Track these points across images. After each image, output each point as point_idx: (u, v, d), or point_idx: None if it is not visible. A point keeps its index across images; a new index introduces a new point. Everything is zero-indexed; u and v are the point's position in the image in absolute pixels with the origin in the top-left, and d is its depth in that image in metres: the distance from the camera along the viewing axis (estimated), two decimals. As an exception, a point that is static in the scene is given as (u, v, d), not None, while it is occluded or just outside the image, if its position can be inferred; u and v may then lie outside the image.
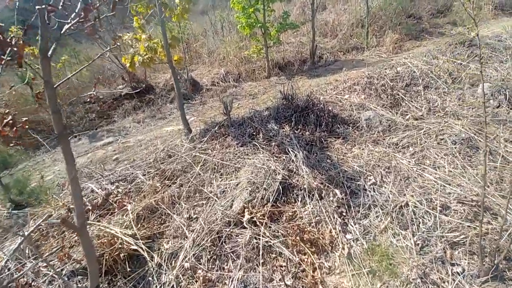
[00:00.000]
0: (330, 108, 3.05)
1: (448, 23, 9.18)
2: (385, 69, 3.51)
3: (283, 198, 2.65)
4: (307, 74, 7.69)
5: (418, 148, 2.98)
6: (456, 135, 2.89)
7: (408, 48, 7.89)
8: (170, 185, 3.42)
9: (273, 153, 2.93)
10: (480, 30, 4.89)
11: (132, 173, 3.68)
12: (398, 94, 3.16)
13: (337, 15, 10.82)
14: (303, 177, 2.57)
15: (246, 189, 2.70)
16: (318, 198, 2.61)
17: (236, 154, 3.23)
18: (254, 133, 3.40)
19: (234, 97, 7.00)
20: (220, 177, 3.08)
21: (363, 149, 3.04)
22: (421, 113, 3.23)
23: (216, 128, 3.63)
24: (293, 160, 2.81)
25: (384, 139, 3.09)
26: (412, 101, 2.97)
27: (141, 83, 8.73)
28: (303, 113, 3.20)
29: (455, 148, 2.77)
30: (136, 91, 8.33)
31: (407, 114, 3.11)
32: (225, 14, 12.93)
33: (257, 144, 3.20)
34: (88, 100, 8.64)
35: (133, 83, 8.65)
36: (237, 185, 2.80)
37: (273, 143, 2.91)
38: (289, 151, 2.90)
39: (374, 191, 2.65)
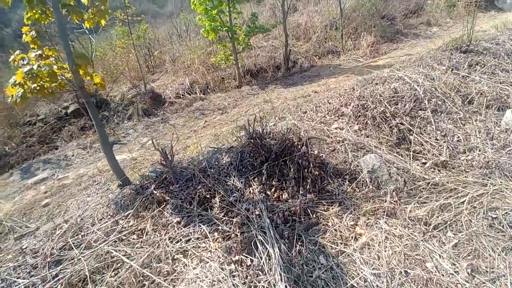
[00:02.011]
0: (316, 153, 2.09)
1: (422, 23, 8.96)
2: (376, 84, 2.85)
3: None
4: (281, 83, 6.99)
5: (463, 234, 1.80)
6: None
7: (385, 52, 7.47)
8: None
9: (234, 252, 1.74)
10: (462, 30, 4.42)
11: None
12: (403, 123, 2.28)
13: (309, 17, 10.28)
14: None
15: None
16: None
17: (173, 248, 1.93)
18: (208, 196, 2.20)
19: (201, 112, 6.10)
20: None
21: (373, 228, 1.90)
22: (443, 158, 2.22)
23: (153, 187, 2.52)
24: (263, 269, 1.62)
25: (402, 209, 1.96)
26: (423, 134, 2.29)
27: (92, 97, 7.50)
28: (279, 161, 2.11)
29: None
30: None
31: (423, 158, 2.19)
32: (191, 16, 11.94)
33: (210, 218, 2.04)
34: (28, 121, 7.32)
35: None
36: None
37: (235, 220, 1.91)
38: (257, 246, 1.72)
39: None
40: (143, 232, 2.09)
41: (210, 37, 7.01)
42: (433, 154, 2.16)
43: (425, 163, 2.12)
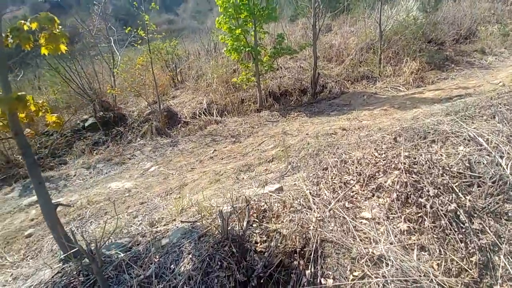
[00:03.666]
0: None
1: (476, 50, 7.74)
2: (432, 141, 2.00)
3: None
4: (306, 110, 6.24)
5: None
6: None
7: (432, 81, 6.42)
8: None
9: None
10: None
11: None
12: (486, 232, 1.32)
13: (344, 38, 9.53)
14: None
15: None
16: None
17: None
18: None
19: (213, 138, 5.55)
20: None
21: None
22: None
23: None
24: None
25: None
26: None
27: (110, 111, 7.39)
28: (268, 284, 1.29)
29: None
30: (102, 121, 6.99)
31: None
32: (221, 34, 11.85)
33: None
34: (46, 131, 7.35)
35: (101, 112, 7.32)
36: None
37: None
38: None
39: None
40: None
41: (232, 56, 6.57)
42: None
43: None
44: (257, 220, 1.58)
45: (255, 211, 1.65)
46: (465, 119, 2.32)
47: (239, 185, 3.01)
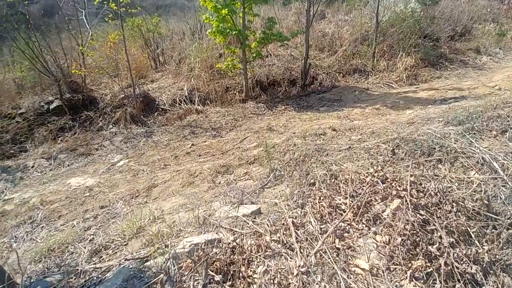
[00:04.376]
0: None
1: (470, 49, 7.54)
2: (439, 161, 1.67)
3: None
4: (294, 103, 5.84)
5: None
6: None
7: (425, 79, 6.16)
8: None
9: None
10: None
11: None
12: None
13: (338, 27, 9.05)
14: None
15: None
16: None
17: None
18: None
19: (192, 131, 5.07)
20: None
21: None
22: None
23: None
24: None
25: None
26: None
27: (79, 93, 6.66)
28: None
29: None
30: (70, 104, 6.29)
31: None
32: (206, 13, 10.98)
33: None
34: (8, 113, 6.54)
35: (68, 94, 6.57)
36: None
37: None
38: None
39: None
40: None
41: (217, 40, 5.98)
42: None
43: None
44: (223, 270, 1.21)
45: (221, 254, 1.27)
46: (474, 134, 2.01)
47: (212, 194, 2.62)
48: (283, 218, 1.59)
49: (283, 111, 5.41)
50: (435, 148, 1.88)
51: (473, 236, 1.23)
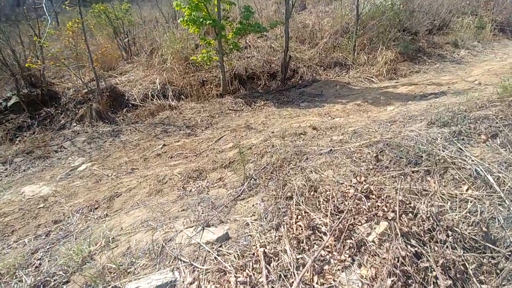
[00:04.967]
0: None
1: (448, 43, 7.61)
2: (427, 172, 1.49)
3: None
4: (274, 98, 5.59)
5: None
6: None
7: (405, 74, 6.12)
8: None
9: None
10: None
11: None
12: None
13: (318, 18, 8.82)
14: None
15: None
16: None
17: None
18: None
19: (164, 129, 4.68)
20: None
21: None
22: None
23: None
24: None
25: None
26: None
27: (38, 88, 5.98)
28: None
29: None
30: (28, 100, 5.62)
31: None
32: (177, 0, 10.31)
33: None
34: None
35: (26, 89, 5.88)
36: None
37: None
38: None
39: None
40: None
41: (190, 29, 5.54)
42: None
43: None
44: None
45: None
46: (462, 139, 1.86)
47: (180, 206, 2.33)
48: (253, 246, 1.35)
49: (263, 106, 5.15)
50: (422, 157, 1.71)
51: (470, 272, 1.06)
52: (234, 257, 1.28)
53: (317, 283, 1.10)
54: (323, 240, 1.32)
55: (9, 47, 5.65)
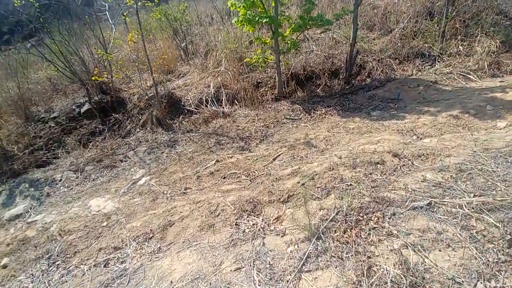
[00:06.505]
0: None
1: None
2: None
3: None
4: (337, 104, 4.86)
5: None
6: None
7: (510, 69, 4.64)
8: None
9: None
10: None
11: None
12: None
13: (392, -2, 7.41)
14: None
15: None
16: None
17: None
18: None
19: (217, 140, 4.50)
20: None
21: None
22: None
23: None
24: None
25: None
26: None
27: (107, 95, 6.48)
28: None
29: None
30: (99, 106, 6.14)
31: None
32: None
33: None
34: (42, 117, 6.67)
35: (97, 96, 6.43)
36: None
37: None
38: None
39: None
40: None
41: (245, 29, 5.14)
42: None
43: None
44: None
45: None
46: None
47: (233, 258, 2.03)
48: None
49: (324, 115, 4.51)
50: None
51: None
52: None
53: None
54: None
55: (78, 56, 6.15)
